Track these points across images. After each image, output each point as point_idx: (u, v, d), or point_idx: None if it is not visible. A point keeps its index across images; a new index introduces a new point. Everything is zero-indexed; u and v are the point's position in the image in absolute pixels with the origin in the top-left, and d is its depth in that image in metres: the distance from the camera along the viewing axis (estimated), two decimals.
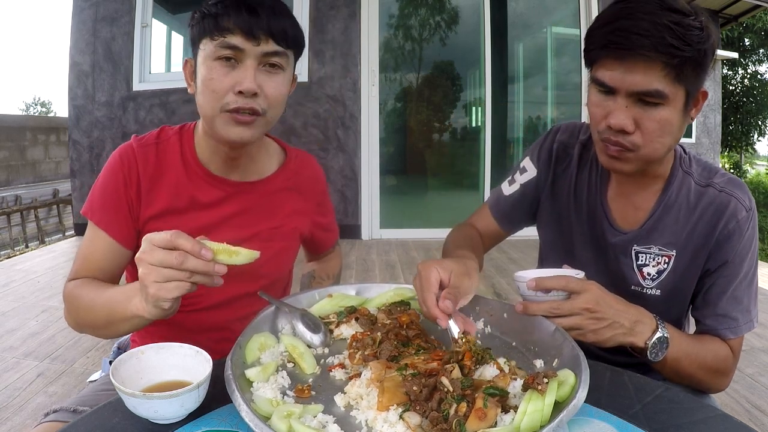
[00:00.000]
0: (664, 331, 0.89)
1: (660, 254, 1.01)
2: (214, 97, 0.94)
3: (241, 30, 0.91)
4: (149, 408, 0.67)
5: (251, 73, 0.93)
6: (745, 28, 17.56)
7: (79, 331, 0.99)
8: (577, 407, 0.62)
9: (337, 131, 5.01)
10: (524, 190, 1.17)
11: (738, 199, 0.97)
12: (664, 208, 1.01)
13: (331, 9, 4.89)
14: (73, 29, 5.13)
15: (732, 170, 17.39)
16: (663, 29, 0.81)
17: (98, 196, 1.02)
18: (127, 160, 1.02)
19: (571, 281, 0.85)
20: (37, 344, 2.58)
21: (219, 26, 0.92)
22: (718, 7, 13.63)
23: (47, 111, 45.39)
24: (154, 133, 1.07)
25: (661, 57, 0.82)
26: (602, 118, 0.91)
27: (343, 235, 4.93)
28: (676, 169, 1.01)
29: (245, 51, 0.92)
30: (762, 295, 3.47)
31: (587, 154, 1.10)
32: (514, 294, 3.40)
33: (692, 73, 0.85)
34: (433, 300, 0.82)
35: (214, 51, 0.93)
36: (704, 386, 1.00)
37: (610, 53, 0.86)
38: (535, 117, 5.77)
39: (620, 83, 0.87)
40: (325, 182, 1.25)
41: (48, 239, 7.88)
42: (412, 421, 0.64)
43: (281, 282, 1.19)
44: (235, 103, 0.93)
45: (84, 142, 5.15)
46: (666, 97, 0.85)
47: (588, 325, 0.84)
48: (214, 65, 0.93)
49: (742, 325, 0.98)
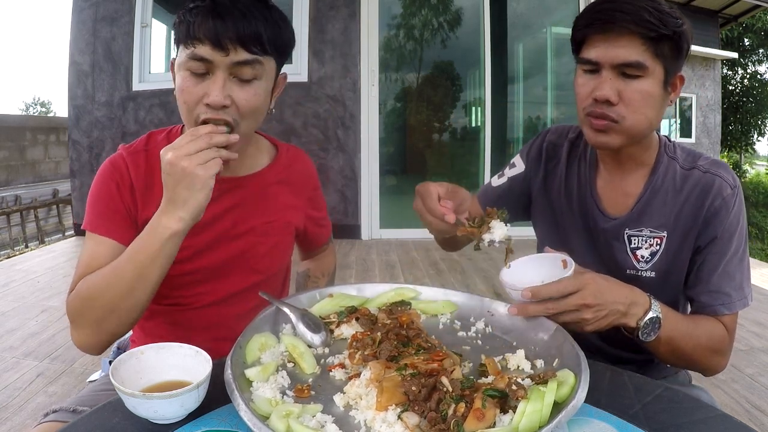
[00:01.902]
0: (657, 311, 0.91)
1: (651, 236, 1.05)
2: (186, 108, 0.94)
3: (209, 39, 0.88)
4: (149, 408, 0.67)
5: (219, 84, 0.90)
6: (744, 28, 17.58)
7: (97, 340, 0.92)
8: (576, 408, 0.62)
9: (336, 131, 5.01)
10: (511, 183, 1.23)
11: (722, 178, 1.01)
12: (652, 191, 1.05)
13: (331, 9, 4.89)
14: (73, 29, 5.13)
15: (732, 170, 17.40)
16: (641, 9, 0.91)
17: (94, 206, 1.01)
18: (117, 167, 1.02)
19: (567, 285, 0.85)
20: (37, 344, 2.58)
21: (190, 34, 0.89)
22: (718, 7, 13.62)
23: (47, 111, 45.42)
24: (142, 139, 1.07)
25: (641, 30, 0.91)
26: (588, 94, 0.98)
27: (343, 235, 4.95)
28: (661, 156, 1.06)
29: (214, 62, 0.90)
30: (762, 295, 3.48)
31: (576, 150, 1.16)
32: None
33: (669, 53, 0.94)
34: (437, 203, 0.89)
35: (186, 61, 0.91)
36: (701, 366, 1.01)
37: (596, 30, 0.95)
38: (535, 117, 5.78)
39: (604, 57, 0.94)
40: (317, 177, 1.25)
41: (48, 239, 7.88)
42: (411, 422, 0.64)
43: (278, 277, 1.19)
44: (205, 114, 0.91)
45: (84, 142, 5.15)
46: (646, 68, 0.93)
47: (587, 319, 0.86)
48: (186, 75, 0.92)
49: (736, 301, 1.01)
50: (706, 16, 14.06)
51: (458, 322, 0.95)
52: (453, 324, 0.95)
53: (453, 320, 0.96)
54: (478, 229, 0.87)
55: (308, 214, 1.21)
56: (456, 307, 0.98)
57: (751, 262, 4.79)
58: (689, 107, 14.34)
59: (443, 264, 4.14)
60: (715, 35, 14.48)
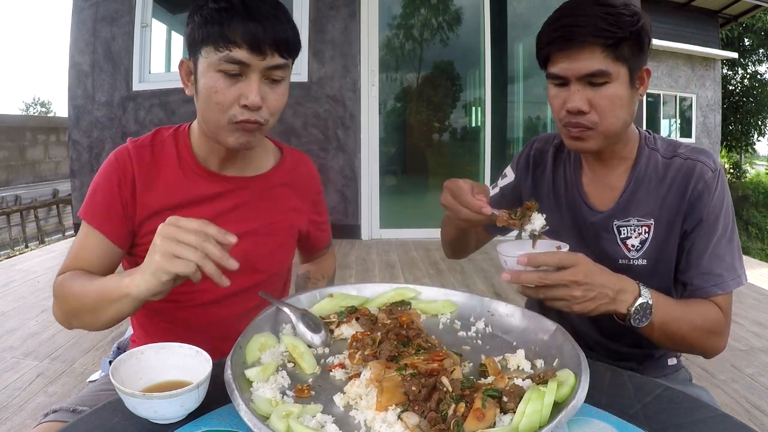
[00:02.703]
0: (647, 297, 0.92)
1: (639, 224, 1.08)
2: (219, 108, 0.94)
3: (247, 43, 0.90)
4: (149, 408, 0.67)
5: (256, 87, 0.92)
6: (744, 28, 17.58)
7: (67, 324, 0.97)
8: (576, 408, 0.62)
9: (337, 131, 5.00)
10: (503, 192, 1.29)
11: (703, 163, 1.04)
12: (635, 182, 1.08)
13: (331, 9, 4.89)
14: (73, 29, 5.13)
15: (732, 170, 17.39)
16: (597, 19, 0.95)
17: (92, 197, 1.03)
18: (122, 161, 1.03)
19: (562, 257, 0.87)
20: (37, 344, 2.58)
21: (224, 37, 0.90)
22: (718, 7, 13.62)
23: (47, 111, 45.42)
24: (149, 135, 1.08)
25: (599, 40, 0.95)
26: (561, 106, 1.03)
27: (343, 235, 4.95)
28: (642, 148, 1.10)
29: (250, 66, 0.92)
30: (762, 295, 3.48)
31: (561, 154, 1.21)
32: (514, 293, 3.39)
33: (630, 53, 0.97)
34: (472, 197, 0.95)
35: (218, 63, 0.92)
36: (699, 349, 1.02)
37: (557, 47, 0.99)
38: (535, 117, 5.78)
39: (569, 71, 0.99)
40: (320, 181, 1.27)
41: (48, 239, 7.88)
42: (411, 422, 0.64)
43: (280, 278, 1.19)
44: (242, 115, 0.94)
45: (84, 142, 5.15)
46: (610, 75, 0.97)
47: (575, 297, 0.87)
48: (218, 77, 0.93)
49: (729, 281, 1.02)
50: (706, 16, 14.07)
51: (458, 322, 0.95)
52: (453, 324, 0.95)
53: (453, 320, 0.96)
54: (520, 221, 0.92)
55: (311, 218, 1.22)
56: (456, 307, 0.98)
57: (751, 262, 4.81)
58: (689, 107, 14.35)
59: (443, 264, 4.14)
60: (715, 35, 14.49)
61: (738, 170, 17.41)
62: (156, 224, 1.04)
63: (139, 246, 1.06)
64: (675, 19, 13.26)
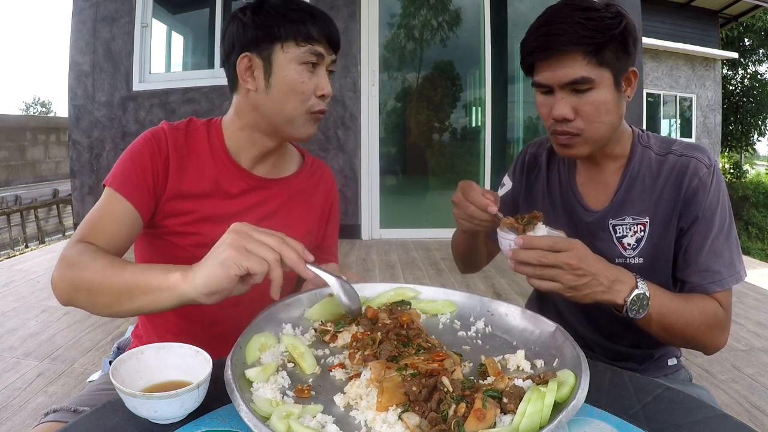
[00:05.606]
0: (644, 289, 0.92)
1: (635, 223, 1.08)
2: (301, 98, 1.02)
3: (326, 39, 1.03)
4: (149, 408, 0.67)
5: (327, 78, 1.05)
6: (745, 28, 17.57)
7: (66, 297, 0.87)
8: (576, 408, 0.62)
9: (337, 131, 5.01)
10: (502, 201, 1.29)
11: (698, 159, 1.03)
12: (629, 180, 1.08)
13: (331, 9, 4.89)
14: (73, 29, 5.13)
15: (732, 170, 17.38)
16: (576, 26, 0.94)
17: (123, 166, 1.01)
18: (158, 138, 1.05)
19: (558, 241, 0.88)
20: (37, 344, 2.58)
21: (306, 33, 1.00)
22: (718, 7, 13.62)
23: (47, 111, 45.42)
24: (184, 121, 1.11)
25: (579, 48, 0.95)
26: (548, 114, 1.03)
27: (343, 235, 4.93)
28: (635, 146, 1.09)
29: (324, 59, 1.04)
30: (762, 295, 3.48)
31: (554, 156, 1.21)
32: (515, 293, 3.40)
33: (613, 57, 0.97)
34: (480, 195, 0.99)
35: (301, 56, 1.01)
36: (700, 344, 1.02)
37: (539, 56, 1.00)
38: (535, 117, 5.77)
39: (553, 80, 0.99)
40: (337, 193, 1.29)
41: (48, 239, 7.89)
42: (411, 422, 0.64)
43: (290, 280, 1.20)
44: (319, 105, 1.04)
45: (84, 142, 5.15)
46: (593, 81, 0.97)
47: (569, 280, 0.87)
48: (301, 69, 1.01)
49: (727, 278, 1.02)
50: (706, 16, 14.08)
51: (458, 322, 0.95)
52: (453, 324, 0.95)
53: (453, 320, 0.96)
54: (524, 227, 0.94)
55: (322, 229, 1.24)
56: (456, 307, 0.98)
57: (752, 262, 4.80)
58: (689, 107, 14.36)
59: (443, 264, 4.15)
60: (715, 35, 14.50)
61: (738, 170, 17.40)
62: (179, 207, 1.05)
63: (155, 228, 1.05)
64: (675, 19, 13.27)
